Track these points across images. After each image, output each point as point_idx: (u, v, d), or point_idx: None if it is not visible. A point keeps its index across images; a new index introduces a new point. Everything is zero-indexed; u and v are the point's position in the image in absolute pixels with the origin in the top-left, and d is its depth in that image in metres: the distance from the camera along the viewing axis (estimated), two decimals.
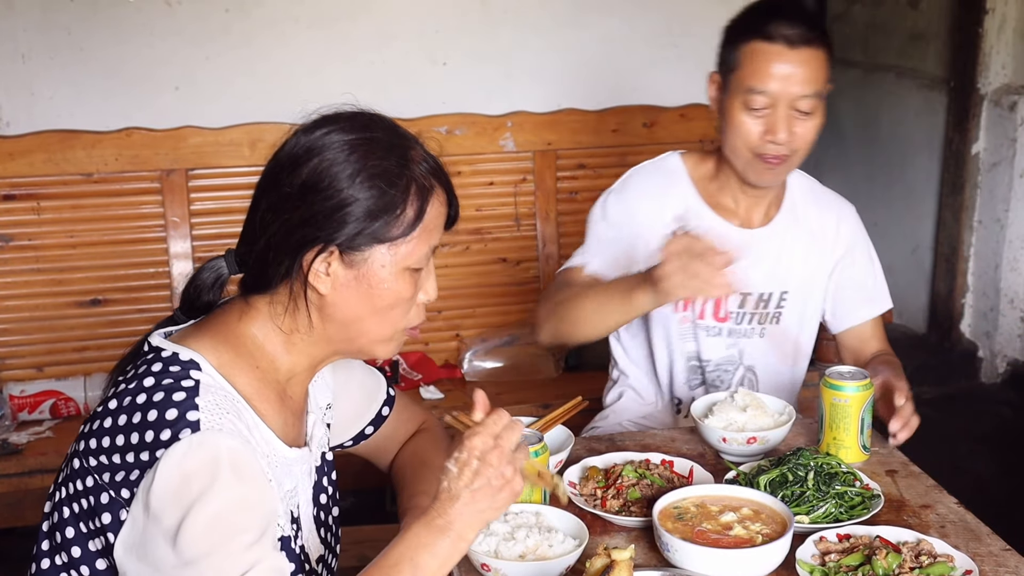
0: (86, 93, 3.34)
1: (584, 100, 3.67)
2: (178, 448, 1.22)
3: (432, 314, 3.56)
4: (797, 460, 1.74)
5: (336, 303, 1.35)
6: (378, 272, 1.34)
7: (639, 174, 2.18)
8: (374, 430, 1.72)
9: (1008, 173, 4.29)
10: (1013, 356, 4.44)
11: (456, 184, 3.31)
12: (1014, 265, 4.34)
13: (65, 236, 3.28)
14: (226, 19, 3.42)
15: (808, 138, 2.01)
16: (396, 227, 1.33)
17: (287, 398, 1.43)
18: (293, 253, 1.32)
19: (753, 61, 1.96)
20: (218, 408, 1.28)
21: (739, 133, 2.00)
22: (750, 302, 2.15)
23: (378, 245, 1.33)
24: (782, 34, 1.94)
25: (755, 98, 1.96)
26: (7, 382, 3.16)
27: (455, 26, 3.60)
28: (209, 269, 1.43)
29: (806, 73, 1.95)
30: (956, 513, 1.71)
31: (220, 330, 1.38)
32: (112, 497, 1.26)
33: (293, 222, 1.31)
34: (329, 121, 1.36)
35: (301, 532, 1.46)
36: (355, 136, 1.34)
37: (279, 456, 1.39)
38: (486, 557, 1.51)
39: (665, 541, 1.51)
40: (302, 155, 1.33)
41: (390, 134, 1.37)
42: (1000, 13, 4.32)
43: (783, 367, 2.23)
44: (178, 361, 1.32)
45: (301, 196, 1.31)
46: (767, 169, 2.03)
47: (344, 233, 1.31)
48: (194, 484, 1.21)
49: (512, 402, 3.25)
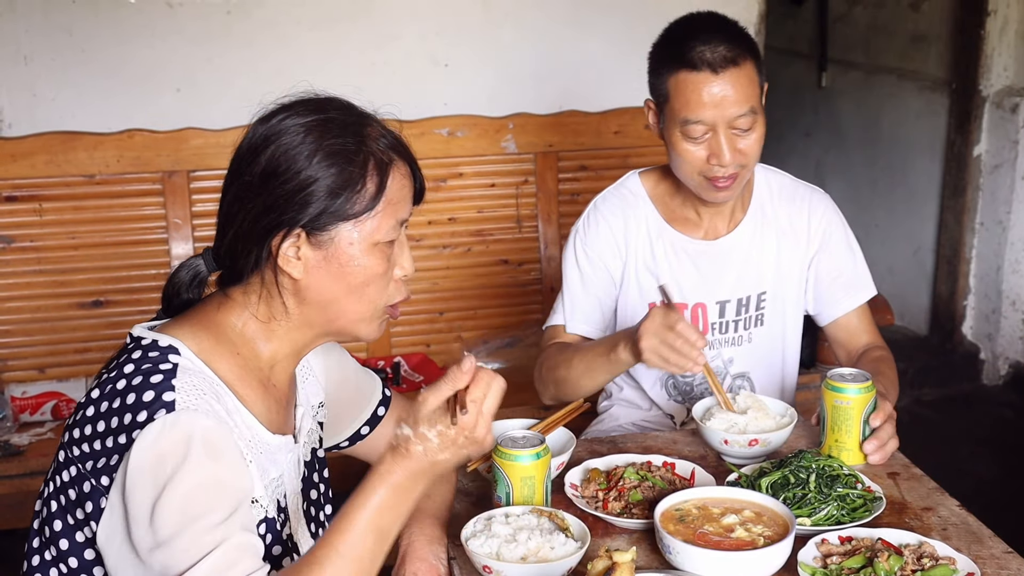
0: (88, 95, 3.35)
1: (585, 102, 3.67)
2: (152, 428, 1.23)
3: (434, 315, 3.56)
4: (799, 462, 1.74)
5: (310, 286, 1.36)
6: (347, 250, 1.35)
7: (601, 205, 2.20)
8: (370, 430, 1.72)
9: (1010, 175, 4.29)
10: (1015, 358, 4.43)
11: (457, 185, 3.30)
12: (1016, 267, 4.34)
13: (67, 237, 3.29)
14: (227, 20, 3.42)
15: (754, 151, 2.00)
16: (358, 202, 1.34)
17: (270, 386, 1.43)
18: (260, 240, 1.34)
19: (683, 92, 1.95)
20: (195, 389, 1.28)
21: (684, 160, 2.00)
22: (730, 310, 2.16)
23: (343, 223, 1.34)
24: (705, 60, 1.92)
25: (692, 128, 1.95)
26: (9, 383, 3.16)
27: (456, 28, 3.60)
28: (186, 267, 1.44)
29: (737, 94, 1.93)
30: (958, 515, 1.71)
31: (200, 319, 1.39)
32: (93, 485, 1.27)
33: (256, 210, 1.33)
34: (284, 108, 1.38)
35: (289, 522, 1.46)
36: (310, 118, 1.35)
37: (261, 441, 1.39)
38: (488, 559, 1.51)
39: (667, 543, 1.51)
40: (260, 143, 1.35)
41: (345, 113, 1.39)
42: (1002, 15, 4.32)
43: (775, 367, 2.23)
44: (157, 347, 1.32)
45: (262, 184, 1.33)
46: (719, 191, 2.02)
47: (307, 214, 1.32)
48: (167, 463, 1.22)
49: (514, 403, 3.23)
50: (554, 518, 1.59)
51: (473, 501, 1.78)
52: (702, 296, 2.14)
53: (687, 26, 2.01)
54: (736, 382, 2.20)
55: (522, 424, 1.89)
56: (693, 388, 2.20)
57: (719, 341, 2.17)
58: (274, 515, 1.39)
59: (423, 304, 3.55)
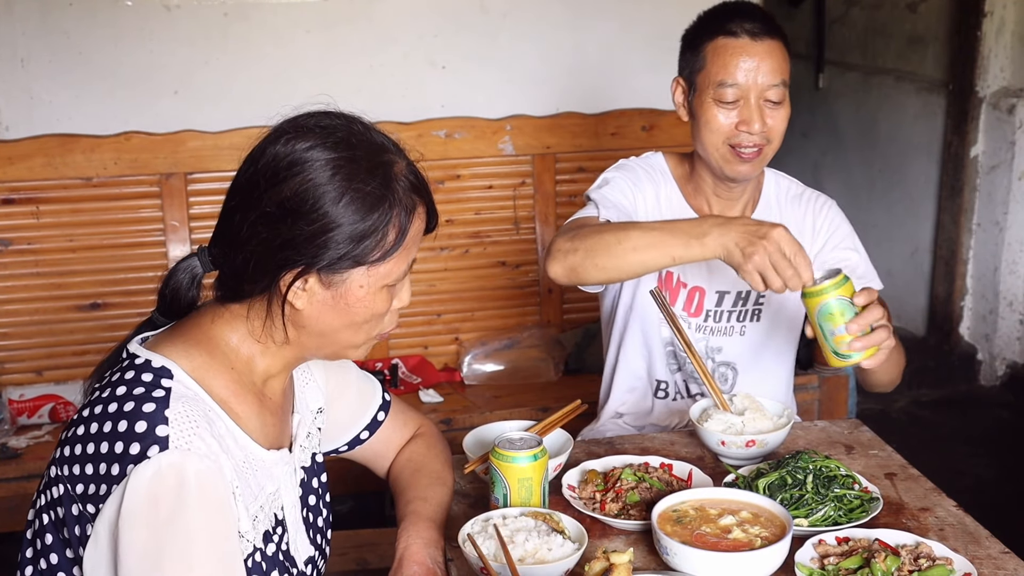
0: (85, 97, 3.35)
1: (583, 103, 3.68)
2: (147, 469, 1.22)
3: (432, 317, 3.56)
4: (796, 463, 1.74)
5: (311, 316, 1.36)
6: (356, 292, 1.35)
7: (632, 163, 2.20)
8: (369, 435, 1.72)
9: (1007, 176, 4.29)
10: (1012, 359, 4.44)
11: (455, 187, 3.29)
12: (1013, 268, 4.35)
13: (64, 240, 3.29)
14: (225, 23, 3.43)
15: (779, 128, 2.05)
16: (377, 251, 1.34)
17: (265, 398, 1.43)
18: (272, 272, 1.32)
19: (720, 56, 2.01)
20: (188, 420, 1.27)
21: (712, 127, 2.03)
22: (727, 300, 2.16)
23: (358, 267, 1.34)
24: (744, 28, 2.00)
25: (726, 91, 2.00)
26: (6, 386, 3.16)
27: (454, 30, 3.61)
28: (183, 270, 1.43)
29: (772, 63, 2.00)
30: (955, 516, 1.71)
31: (194, 334, 1.38)
32: (81, 510, 1.27)
33: (274, 243, 1.31)
34: (310, 133, 1.34)
35: (287, 534, 1.46)
36: (338, 155, 1.32)
37: (256, 459, 1.39)
38: (486, 560, 1.51)
39: (664, 544, 1.51)
40: (283, 170, 1.31)
41: (373, 151, 1.35)
42: (999, 16, 4.32)
43: (763, 363, 2.23)
44: (150, 368, 1.32)
45: (282, 217, 1.30)
46: (742, 162, 2.04)
47: (325, 258, 1.31)
48: (161, 510, 1.22)
49: (511, 405, 3.25)
50: (549, 520, 1.59)
51: (471, 503, 1.78)
52: (702, 282, 2.15)
53: (726, 6, 2.08)
54: (720, 369, 2.20)
55: (519, 425, 1.89)
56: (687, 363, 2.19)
57: (711, 328, 2.18)
58: (260, 544, 1.38)
59: (421, 306, 3.55)
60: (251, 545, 1.36)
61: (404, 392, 3.35)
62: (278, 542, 1.43)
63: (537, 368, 3.48)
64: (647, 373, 2.24)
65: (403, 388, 3.37)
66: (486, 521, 1.61)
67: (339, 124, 1.36)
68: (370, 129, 1.39)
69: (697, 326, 2.17)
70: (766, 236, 1.68)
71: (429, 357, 3.54)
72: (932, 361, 4.56)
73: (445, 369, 3.54)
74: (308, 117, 1.37)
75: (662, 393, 2.23)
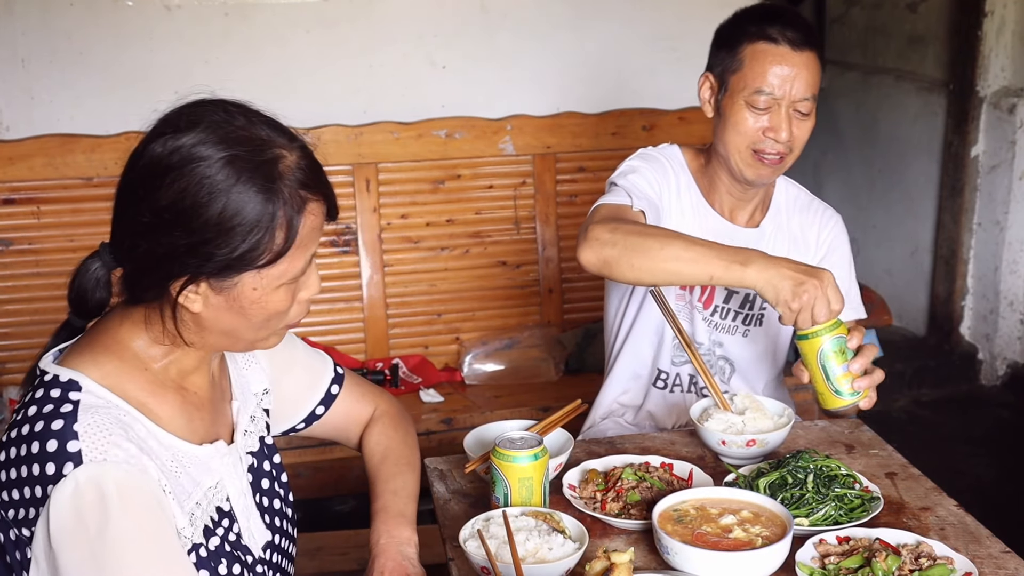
0: (85, 97, 3.35)
1: (583, 103, 3.68)
2: (64, 488, 1.21)
3: (432, 317, 3.57)
4: (796, 463, 1.74)
5: (210, 318, 1.33)
6: (249, 295, 1.31)
7: (653, 152, 2.19)
8: (325, 410, 1.70)
9: (1007, 175, 4.29)
10: (1013, 358, 4.44)
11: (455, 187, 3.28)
12: (1013, 267, 4.35)
13: (65, 240, 3.29)
14: (225, 23, 3.43)
15: (804, 139, 2.06)
16: (265, 255, 1.28)
17: (188, 392, 1.41)
18: (160, 281, 1.29)
19: (759, 62, 2.01)
20: (100, 430, 1.25)
21: (740, 130, 2.04)
22: (735, 300, 2.17)
23: (247, 271, 1.28)
24: (787, 37, 2.00)
25: (759, 98, 2.01)
26: (6, 386, 3.16)
27: (454, 30, 3.61)
28: (86, 273, 1.39)
29: (807, 76, 2.01)
30: (956, 515, 1.71)
31: (102, 340, 1.35)
32: (18, 535, 1.26)
33: (156, 253, 1.27)
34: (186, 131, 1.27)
35: (236, 523, 1.44)
36: (216, 155, 1.25)
37: (186, 456, 1.37)
38: (486, 560, 1.51)
39: (665, 544, 1.51)
40: (157, 176, 1.26)
41: (254, 149, 1.27)
42: (999, 16, 4.32)
43: (763, 365, 2.25)
44: (58, 383, 1.29)
45: (160, 227, 1.25)
46: (763, 167, 2.06)
47: (211, 266, 1.26)
48: (89, 523, 1.21)
49: (511, 405, 3.25)
50: (549, 520, 1.59)
51: (471, 502, 1.78)
52: None
53: (769, 9, 2.07)
54: (720, 362, 2.22)
55: (520, 425, 1.89)
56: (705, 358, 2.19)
57: (716, 325, 2.19)
58: (200, 540, 1.36)
59: (421, 306, 3.55)
60: (190, 542, 1.34)
61: (405, 392, 3.35)
62: (223, 535, 1.41)
63: (537, 368, 3.48)
64: (652, 362, 2.25)
65: (404, 388, 3.37)
66: (487, 521, 1.61)
67: (218, 120, 1.28)
68: (253, 122, 1.30)
69: (705, 318, 2.18)
70: (814, 279, 1.70)
71: (430, 357, 3.54)
72: (932, 361, 4.56)
73: (446, 369, 3.54)
74: (186, 111, 1.30)
75: (660, 383, 2.24)
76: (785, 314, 1.72)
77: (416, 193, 3.53)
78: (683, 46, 3.69)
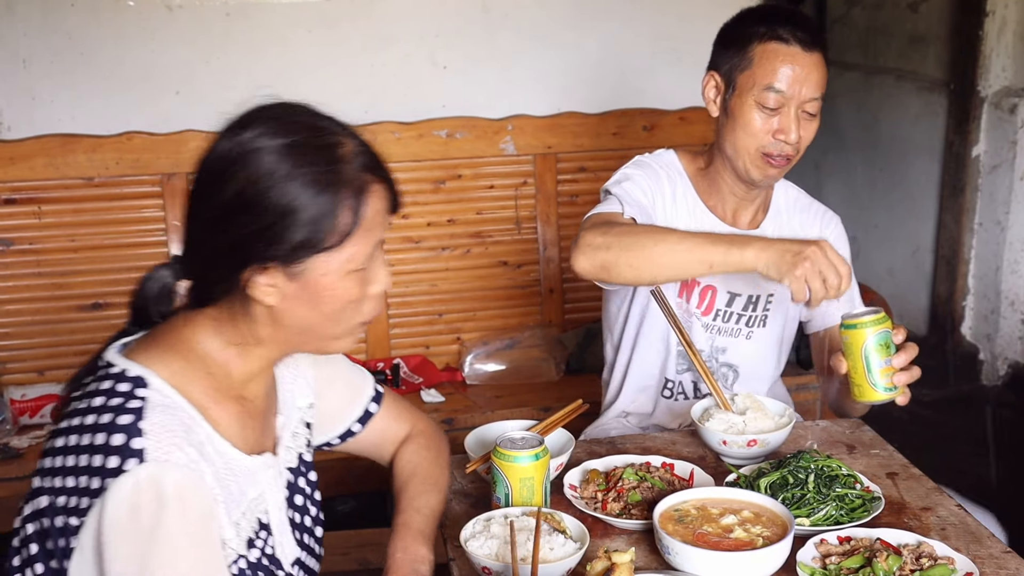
0: (87, 97, 3.35)
1: (584, 103, 3.68)
2: (125, 482, 1.22)
3: (433, 317, 3.56)
4: (798, 463, 1.74)
5: (284, 311, 1.34)
6: (320, 280, 1.32)
7: (648, 160, 2.20)
8: (361, 427, 1.70)
9: (1008, 175, 4.29)
10: (1014, 358, 4.43)
11: (456, 187, 3.28)
12: (1014, 267, 4.34)
13: (66, 240, 3.29)
14: (226, 23, 3.43)
15: (809, 140, 2.07)
16: (333, 236, 1.30)
17: (246, 401, 1.42)
18: (233, 273, 1.31)
19: (771, 61, 2.01)
20: (166, 431, 1.26)
21: (748, 131, 2.04)
22: (738, 303, 2.17)
23: (317, 255, 1.30)
24: (797, 37, 2.01)
25: (769, 96, 2.01)
26: (8, 386, 3.16)
27: (456, 29, 3.61)
28: (153, 280, 1.41)
29: (817, 76, 2.02)
30: (957, 515, 1.71)
31: (169, 340, 1.36)
32: (64, 523, 1.26)
33: (227, 243, 1.29)
34: (251, 123, 1.32)
35: (272, 536, 1.45)
36: (281, 141, 1.30)
37: (238, 465, 1.37)
38: (487, 560, 1.51)
39: (666, 544, 1.51)
40: (224, 169, 1.30)
41: (316, 134, 1.32)
42: (1000, 16, 4.32)
43: (766, 367, 2.25)
44: (126, 378, 1.30)
45: (229, 216, 1.29)
46: (771, 168, 2.06)
47: (280, 250, 1.29)
48: (143, 521, 1.21)
49: (513, 405, 3.25)
50: (550, 520, 1.59)
51: (472, 502, 1.78)
52: (716, 281, 2.15)
53: (777, 10, 2.08)
54: (722, 370, 2.21)
55: (521, 425, 1.89)
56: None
57: (718, 328, 2.18)
58: (243, 552, 1.37)
59: (422, 306, 3.55)
60: (235, 553, 1.35)
61: (406, 392, 3.35)
62: (262, 547, 1.42)
63: (538, 368, 3.48)
64: (660, 372, 2.24)
65: (404, 388, 3.37)
66: (488, 521, 1.61)
67: (279, 113, 1.34)
68: (314, 114, 1.35)
69: (706, 325, 2.17)
70: (812, 246, 1.72)
71: (431, 357, 3.54)
72: (934, 361, 4.55)
73: (447, 369, 3.53)
74: (249, 111, 1.34)
75: (668, 392, 2.24)
76: (794, 287, 1.71)
77: (417, 193, 3.53)
78: (684, 46, 3.69)
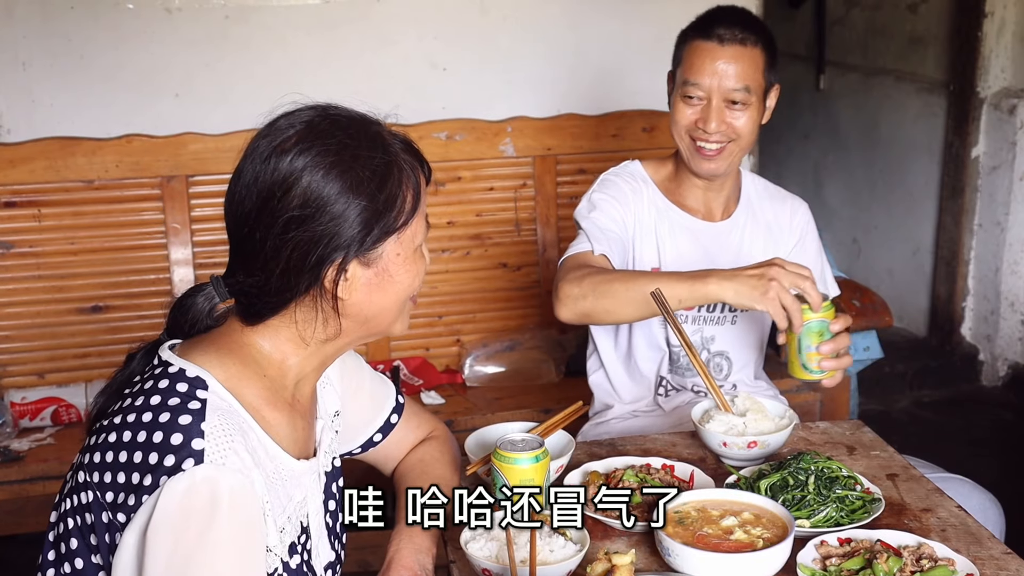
0: (86, 100, 3.35)
1: (584, 105, 3.68)
2: (180, 481, 1.22)
3: (433, 319, 3.56)
4: (798, 464, 1.74)
5: (360, 302, 1.38)
6: (395, 261, 1.38)
7: (612, 177, 2.28)
8: (383, 437, 1.72)
9: (1008, 176, 4.29)
10: (1014, 359, 4.44)
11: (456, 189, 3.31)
12: (1014, 268, 4.35)
13: (66, 243, 3.29)
14: (226, 25, 3.43)
15: (744, 130, 2.14)
16: (400, 216, 1.36)
17: (296, 402, 1.43)
18: (313, 273, 1.33)
19: (690, 57, 2.15)
20: (224, 434, 1.26)
21: (674, 119, 2.18)
22: None
23: (389, 237, 1.36)
24: (717, 33, 2.12)
25: (690, 89, 2.13)
26: (8, 389, 3.16)
27: (455, 31, 3.61)
28: (203, 296, 1.41)
29: (737, 68, 2.11)
30: (957, 516, 1.71)
31: (225, 342, 1.38)
32: (110, 519, 1.26)
33: (304, 246, 1.31)
34: (294, 132, 1.35)
35: (311, 540, 1.46)
36: (332, 141, 1.33)
37: (286, 469, 1.38)
38: (487, 562, 1.51)
39: (666, 546, 1.51)
40: (289, 176, 1.32)
41: (360, 126, 1.38)
42: (999, 17, 4.32)
43: (755, 348, 2.33)
44: (185, 378, 1.31)
45: (306, 218, 1.31)
46: (705, 159, 2.16)
47: (359, 240, 1.33)
48: (192, 522, 1.21)
49: (513, 407, 3.25)
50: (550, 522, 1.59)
51: None
52: None
53: (718, 10, 2.20)
54: (715, 359, 2.26)
55: (521, 427, 1.89)
56: (687, 361, 2.24)
57: (704, 318, 2.25)
58: (286, 557, 1.38)
59: (422, 308, 3.55)
60: (278, 559, 1.35)
61: (406, 394, 3.35)
62: (302, 551, 1.42)
63: (538, 370, 3.48)
64: (655, 373, 2.30)
65: (404, 390, 3.37)
66: None
67: (316, 114, 1.38)
68: (346, 108, 1.41)
69: (692, 317, 2.23)
70: (770, 266, 1.80)
71: (430, 359, 3.54)
72: (934, 362, 4.56)
73: (446, 371, 3.53)
74: (284, 119, 1.37)
75: (662, 391, 2.29)
76: (771, 310, 1.79)
77: None
78: None
